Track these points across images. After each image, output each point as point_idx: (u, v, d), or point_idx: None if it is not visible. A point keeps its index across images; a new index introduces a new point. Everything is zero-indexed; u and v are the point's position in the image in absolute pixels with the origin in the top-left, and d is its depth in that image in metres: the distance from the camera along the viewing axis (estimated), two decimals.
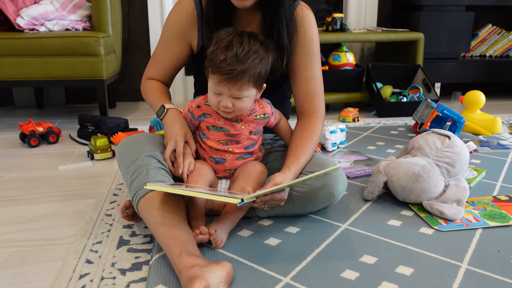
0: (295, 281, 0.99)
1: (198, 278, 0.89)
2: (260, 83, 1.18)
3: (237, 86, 1.11)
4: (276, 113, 1.31)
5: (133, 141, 1.22)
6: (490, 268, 1.05)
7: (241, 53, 1.09)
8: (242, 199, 0.99)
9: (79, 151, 2.01)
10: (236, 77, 1.09)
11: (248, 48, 1.10)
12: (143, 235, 1.22)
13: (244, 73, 1.09)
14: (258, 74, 1.13)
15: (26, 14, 2.43)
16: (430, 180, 1.33)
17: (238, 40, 1.10)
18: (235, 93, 1.13)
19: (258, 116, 1.25)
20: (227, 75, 1.09)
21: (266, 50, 1.15)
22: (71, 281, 1.01)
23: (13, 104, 2.96)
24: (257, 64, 1.11)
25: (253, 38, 1.13)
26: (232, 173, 1.28)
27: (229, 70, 1.08)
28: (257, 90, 1.19)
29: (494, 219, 1.29)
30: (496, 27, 3.17)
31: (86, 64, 2.31)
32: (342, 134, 2.01)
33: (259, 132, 1.28)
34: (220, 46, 1.11)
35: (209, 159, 1.26)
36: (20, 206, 1.44)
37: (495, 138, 2.16)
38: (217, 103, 1.16)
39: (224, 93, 1.14)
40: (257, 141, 1.29)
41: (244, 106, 1.17)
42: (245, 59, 1.09)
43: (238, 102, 1.15)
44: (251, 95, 1.17)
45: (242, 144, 1.25)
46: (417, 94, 2.65)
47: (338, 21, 2.71)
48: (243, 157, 1.27)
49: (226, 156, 1.25)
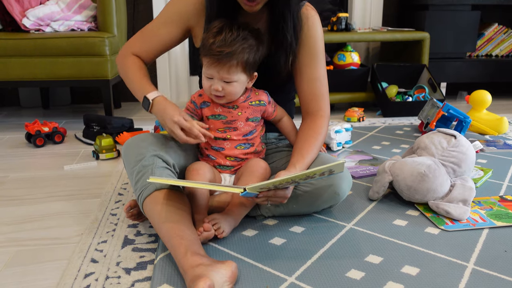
0: (300, 280, 0.99)
1: (203, 277, 0.89)
2: (250, 70, 1.21)
3: (226, 69, 1.16)
4: (276, 107, 1.33)
5: (138, 141, 1.23)
6: (496, 268, 1.04)
7: (229, 38, 1.15)
8: (245, 188, 1.01)
9: (85, 151, 2.02)
10: (224, 59, 1.15)
11: (236, 34, 1.16)
12: (148, 234, 1.22)
13: (231, 55, 1.14)
14: (246, 59, 1.17)
15: (32, 14, 2.44)
16: (436, 179, 1.32)
17: (228, 27, 1.16)
18: (224, 76, 1.17)
19: (253, 102, 1.27)
20: (215, 56, 1.15)
21: (256, 38, 1.19)
22: (76, 280, 1.01)
23: (19, 104, 2.97)
24: (245, 49, 1.16)
25: (243, 27, 1.18)
26: (232, 160, 1.28)
27: (218, 52, 1.14)
28: (247, 77, 1.22)
29: (501, 219, 1.28)
30: (502, 27, 3.15)
31: (91, 65, 2.32)
32: (347, 134, 2.01)
33: (257, 119, 1.29)
34: (212, 31, 1.17)
35: (211, 148, 1.28)
36: (25, 206, 1.45)
37: (501, 138, 2.14)
38: (209, 87, 1.20)
39: (215, 76, 1.18)
40: (256, 129, 1.30)
41: (234, 91, 1.21)
42: (233, 43, 1.15)
43: (227, 86, 1.19)
44: (241, 80, 1.20)
45: (240, 131, 1.27)
46: (422, 94, 2.64)
47: (343, 20, 2.70)
48: (242, 146, 1.27)
49: (224, 144, 1.27)
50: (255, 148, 1.30)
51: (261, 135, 1.33)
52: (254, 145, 1.30)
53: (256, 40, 1.19)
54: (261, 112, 1.30)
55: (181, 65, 2.98)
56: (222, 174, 1.29)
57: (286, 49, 1.25)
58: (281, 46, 1.25)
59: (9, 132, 2.34)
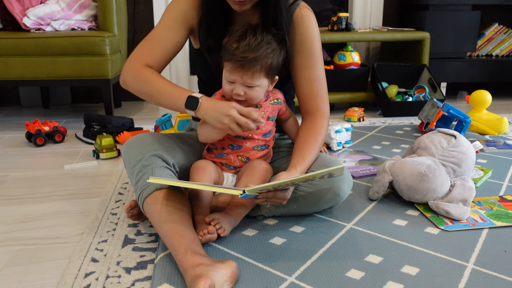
0: (300, 280, 0.99)
1: (203, 277, 0.89)
2: (272, 74, 1.20)
3: (249, 74, 1.15)
4: (287, 105, 1.33)
5: (138, 140, 1.23)
6: (496, 268, 1.04)
7: (253, 43, 1.13)
8: (244, 190, 1.00)
9: (85, 150, 2.02)
10: (248, 65, 1.13)
11: (261, 38, 1.14)
12: (148, 234, 1.22)
13: (256, 61, 1.13)
14: (270, 64, 1.16)
15: (33, 14, 2.44)
16: (436, 179, 1.32)
17: (252, 31, 1.15)
18: (247, 81, 1.16)
19: (272, 101, 1.28)
20: (239, 62, 1.13)
21: (279, 42, 1.18)
22: (76, 279, 1.02)
23: (20, 104, 2.97)
24: (269, 54, 1.15)
25: (267, 30, 1.17)
26: (243, 161, 1.27)
27: (242, 57, 1.12)
28: (269, 81, 1.21)
29: (501, 219, 1.28)
30: (502, 26, 3.15)
31: (91, 64, 2.32)
32: (348, 134, 2.01)
33: (274, 118, 1.30)
34: (234, 36, 1.15)
35: (228, 146, 1.27)
36: (26, 205, 1.45)
37: (501, 138, 2.14)
38: (230, 91, 1.19)
39: (237, 81, 1.17)
40: (273, 130, 1.30)
41: (255, 95, 1.19)
42: (257, 48, 1.13)
43: (249, 91, 1.18)
44: (263, 85, 1.19)
45: (261, 129, 1.26)
46: (422, 94, 2.64)
47: (343, 20, 2.70)
48: (259, 147, 1.27)
49: (244, 143, 1.26)
50: (268, 151, 1.30)
51: (273, 136, 1.32)
52: (269, 147, 1.30)
53: (279, 43, 1.18)
54: (278, 110, 1.30)
55: (181, 65, 2.98)
56: (225, 173, 1.29)
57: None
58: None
59: (9, 131, 2.34)
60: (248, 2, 1.15)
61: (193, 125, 1.48)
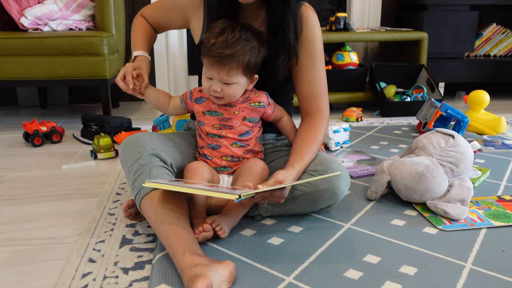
0: (298, 280, 0.99)
1: (200, 277, 0.89)
2: (250, 72, 1.20)
3: (225, 70, 1.15)
4: (276, 107, 1.32)
5: (135, 140, 1.22)
6: (494, 268, 1.04)
7: (231, 39, 1.13)
8: (240, 195, 0.99)
9: (83, 151, 2.01)
10: (225, 61, 1.13)
11: (238, 35, 1.14)
12: (146, 234, 1.22)
13: (232, 57, 1.13)
14: (247, 61, 1.16)
15: (30, 14, 2.43)
16: (434, 179, 1.32)
17: (230, 28, 1.15)
18: (223, 78, 1.16)
19: (253, 103, 1.27)
20: (216, 57, 1.14)
21: (259, 41, 1.18)
22: (74, 280, 1.01)
23: (17, 104, 2.96)
24: (246, 51, 1.15)
25: (246, 28, 1.17)
26: (229, 160, 1.27)
27: (218, 53, 1.13)
28: (247, 79, 1.21)
29: (499, 219, 1.28)
30: (500, 27, 3.15)
31: (89, 64, 2.31)
32: (346, 134, 2.01)
33: (254, 120, 1.28)
34: (213, 32, 1.16)
35: (207, 146, 1.28)
36: (23, 205, 1.44)
37: (499, 138, 2.15)
38: (208, 87, 1.20)
39: (214, 77, 1.18)
40: (253, 130, 1.29)
41: (233, 93, 1.20)
42: (234, 45, 1.13)
43: (227, 88, 1.18)
44: (240, 83, 1.19)
45: (235, 129, 1.26)
46: (420, 94, 2.64)
47: (341, 20, 2.70)
48: (238, 144, 1.27)
49: (220, 141, 1.26)
50: (251, 147, 1.30)
51: (257, 136, 1.32)
52: (251, 144, 1.30)
53: (258, 42, 1.18)
54: (260, 113, 1.29)
55: (180, 65, 2.98)
56: (220, 175, 1.29)
57: (287, 50, 1.24)
58: (281, 47, 1.24)
59: (7, 131, 2.34)
60: None
61: (191, 125, 1.48)
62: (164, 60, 2.94)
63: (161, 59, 2.94)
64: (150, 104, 2.99)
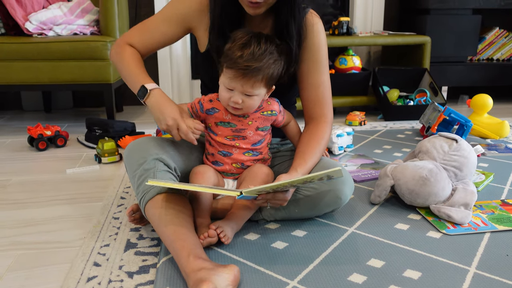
0: (302, 284, 0.99)
1: (205, 281, 0.90)
2: (271, 84, 1.21)
3: (250, 83, 1.15)
4: (285, 113, 1.32)
5: (140, 144, 1.23)
6: (498, 272, 1.04)
7: (257, 52, 1.13)
8: (241, 192, 1.01)
9: (87, 155, 2.02)
10: (251, 74, 1.13)
11: (264, 48, 1.14)
12: (151, 238, 1.22)
13: (259, 70, 1.13)
14: (271, 74, 1.16)
15: (35, 18, 2.45)
16: (438, 183, 1.32)
17: (256, 40, 1.14)
18: (247, 90, 1.16)
19: (265, 112, 1.27)
20: (242, 70, 1.13)
21: (281, 53, 1.18)
22: (79, 283, 1.02)
23: (21, 108, 2.98)
24: (271, 64, 1.15)
25: (270, 40, 1.16)
26: (238, 167, 1.28)
27: (245, 66, 1.12)
28: (267, 90, 1.21)
29: (502, 223, 1.28)
30: (503, 30, 3.15)
31: (93, 68, 2.32)
32: (349, 138, 2.01)
33: (266, 129, 1.29)
34: (238, 43, 1.14)
35: (217, 153, 1.28)
36: (28, 209, 1.45)
37: (502, 142, 2.14)
38: (228, 98, 1.19)
39: (237, 89, 1.17)
40: (265, 139, 1.30)
41: (253, 104, 1.20)
42: (261, 57, 1.13)
43: (248, 99, 1.18)
44: (261, 94, 1.20)
45: (248, 139, 1.26)
46: (424, 98, 2.64)
47: (344, 24, 2.71)
48: (250, 153, 1.27)
49: (232, 150, 1.26)
50: (263, 156, 1.30)
51: (268, 142, 1.32)
52: (262, 153, 1.30)
53: (281, 54, 1.18)
54: (271, 121, 1.29)
55: (183, 69, 2.99)
56: (226, 179, 1.29)
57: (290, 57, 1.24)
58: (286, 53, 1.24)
59: (11, 135, 2.35)
60: (262, 5, 1.16)
61: None
62: (168, 64, 2.95)
63: (165, 63, 2.95)
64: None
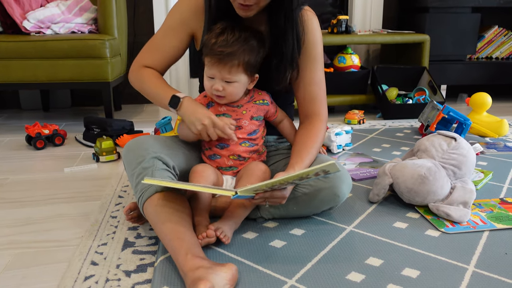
0: (300, 283, 0.99)
1: (203, 280, 0.89)
2: (251, 71, 1.22)
3: (227, 69, 1.18)
4: (277, 108, 1.34)
5: (138, 143, 1.23)
6: (497, 270, 1.04)
7: (231, 39, 1.17)
8: (236, 192, 1.00)
9: (85, 153, 2.02)
10: (226, 59, 1.16)
11: (238, 35, 1.17)
12: (148, 237, 1.22)
13: (233, 56, 1.16)
14: (248, 60, 1.19)
15: (33, 17, 2.44)
16: (436, 182, 1.32)
17: (230, 28, 1.19)
18: (225, 76, 1.19)
19: (257, 101, 1.29)
20: (217, 56, 1.17)
21: (258, 41, 1.21)
22: (76, 282, 1.01)
23: (20, 107, 2.97)
24: (246, 50, 1.18)
25: (245, 29, 1.20)
26: (235, 159, 1.28)
27: (219, 51, 1.16)
28: (248, 78, 1.23)
29: (501, 221, 1.28)
30: (502, 29, 3.15)
31: (92, 67, 2.32)
32: (348, 136, 2.01)
33: (260, 118, 1.30)
34: (214, 32, 1.19)
35: (215, 146, 1.28)
36: (25, 208, 1.45)
37: (501, 140, 2.14)
38: (210, 87, 1.22)
39: (216, 76, 1.20)
40: (259, 129, 1.30)
41: (234, 91, 1.22)
42: (235, 44, 1.17)
43: (228, 86, 1.21)
44: (242, 81, 1.22)
45: (244, 129, 1.27)
46: (422, 96, 2.64)
47: (343, 23, 2.71)
48: (247, 143, 1.28)
49: (230, 141, 1.27)
50: (258, 147, 1.30)
51: (263, 135, 1.33)
52: (258, 145, 1.30)
53: (258, 42, 1.21)
54: (264, 111, 1.31)
55: (182, 68, 2.98)
56: (224, 176, 1.29)
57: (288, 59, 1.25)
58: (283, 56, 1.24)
59: (9, 134, 2.34)
60: (253, 8, 1.16)
61: None
62: None
63: None
64: (152, 107, 3.00)
